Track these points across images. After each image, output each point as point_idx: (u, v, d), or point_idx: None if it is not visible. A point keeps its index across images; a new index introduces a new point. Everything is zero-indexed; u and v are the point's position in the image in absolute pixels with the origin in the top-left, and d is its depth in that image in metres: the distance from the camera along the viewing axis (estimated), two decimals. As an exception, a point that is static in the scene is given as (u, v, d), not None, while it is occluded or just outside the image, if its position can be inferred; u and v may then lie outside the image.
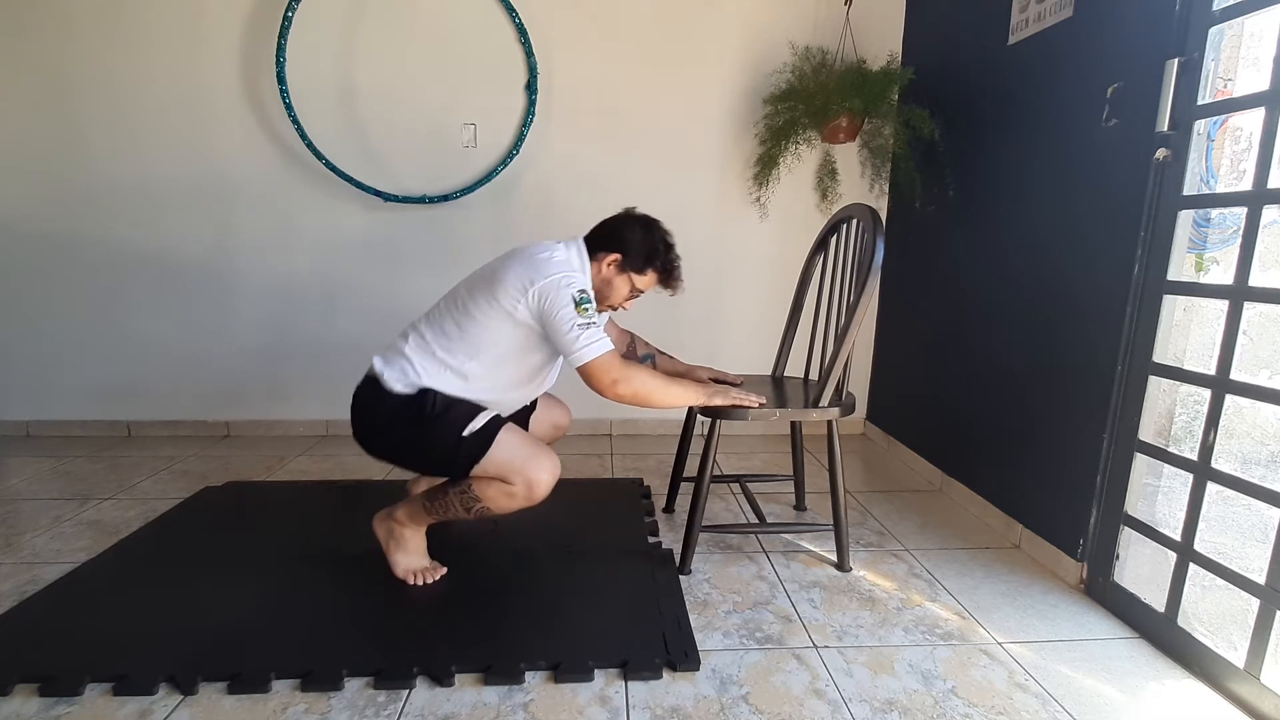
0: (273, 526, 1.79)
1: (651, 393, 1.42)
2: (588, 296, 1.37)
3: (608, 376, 1.36)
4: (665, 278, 1.54)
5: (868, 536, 1.78)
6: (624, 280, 1.50)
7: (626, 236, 1.49)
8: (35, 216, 2.40)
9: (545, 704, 1.13)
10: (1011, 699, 1.16)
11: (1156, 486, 1.65)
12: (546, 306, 1.33)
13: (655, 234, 1.51)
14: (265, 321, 2.53)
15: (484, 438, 1.35)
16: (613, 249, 1.48)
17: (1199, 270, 1.86)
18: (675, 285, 1.56)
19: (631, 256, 1.48)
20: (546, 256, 1.39)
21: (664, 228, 1.54)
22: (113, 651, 1.23)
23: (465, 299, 1.41)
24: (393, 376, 1.39)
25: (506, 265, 1.39)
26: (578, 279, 1.38)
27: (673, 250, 1.53)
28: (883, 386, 2.66)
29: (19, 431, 2.55)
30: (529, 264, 1.37)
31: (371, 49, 2.35)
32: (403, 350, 1.42)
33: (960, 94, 2.08)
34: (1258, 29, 1.53)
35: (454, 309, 1.42)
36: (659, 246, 1.51)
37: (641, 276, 1.51)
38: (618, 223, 1.52)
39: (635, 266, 1.49)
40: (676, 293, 1.57)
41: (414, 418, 1.37)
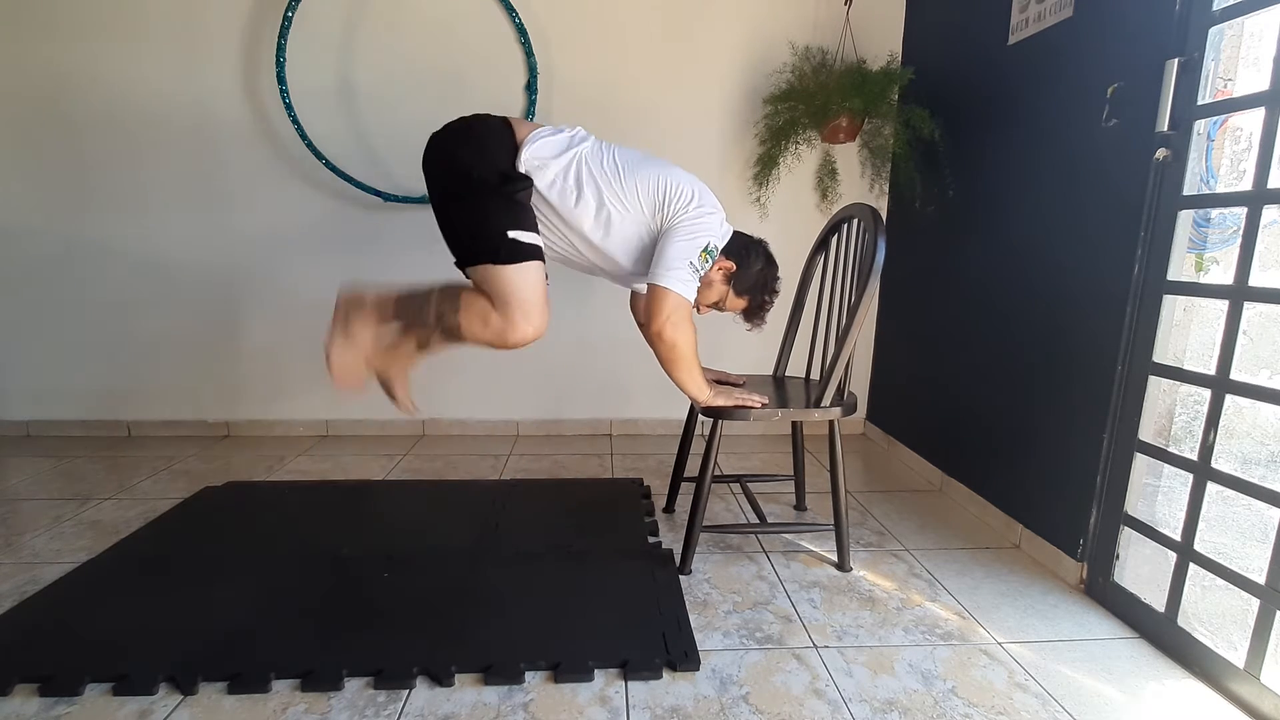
0: (273, 526, 1.79)
1: (684, 356, 1.43)
2: (715, 252, 1.41)
3: (665, 315, 1.37)
4: (752, 312, 1.61)
5: (868, 536, 1.78)
6: (722, 290, 1.55)
7: (751, 258, 1.54)
8: (35, 217, 2.40)
9: (545, 704, 1.13)
10: (1011, 699, 1.16)
11: (1156, 486, 1.65)
12: (681, 229, 1.36)
13: (772, 273, 1.58)
14: (265, 321, 2.52)
15: (518, 251, 1.33)
16: (733, 259, 1.52)
17: (1199, 270, 1.86)
18: (755, 323, 1.63)
19: (742, 276, 1.54)
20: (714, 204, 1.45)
21: (779, 274, 1.60)
22: (113, 651, 1.23)
23: (631, 165, 1.41)
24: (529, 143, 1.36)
25: (689, 178, 1.43)
26: (718, 238, 1.42)
27: (775, 296, 1.60)
28: (883, 386, 2.66)
29: (19, 431, 2.55)
30: (704, 194, 1.43)
31: (371, 49, 2.35)
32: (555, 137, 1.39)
33: (960, 94, 2.08)
34: (1258, 29, 1.53)
35: (615, 161, 1.42)
36: (770, 285, 1.58)
37: (736, 298, 1.57)
38: (752, 243, 1.57)
39: (739, 286, 1.55)
40: (752, 329, 1.64)
41: (496, 182, 1.33)
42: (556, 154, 1.39)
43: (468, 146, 1.38)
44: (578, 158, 1.40)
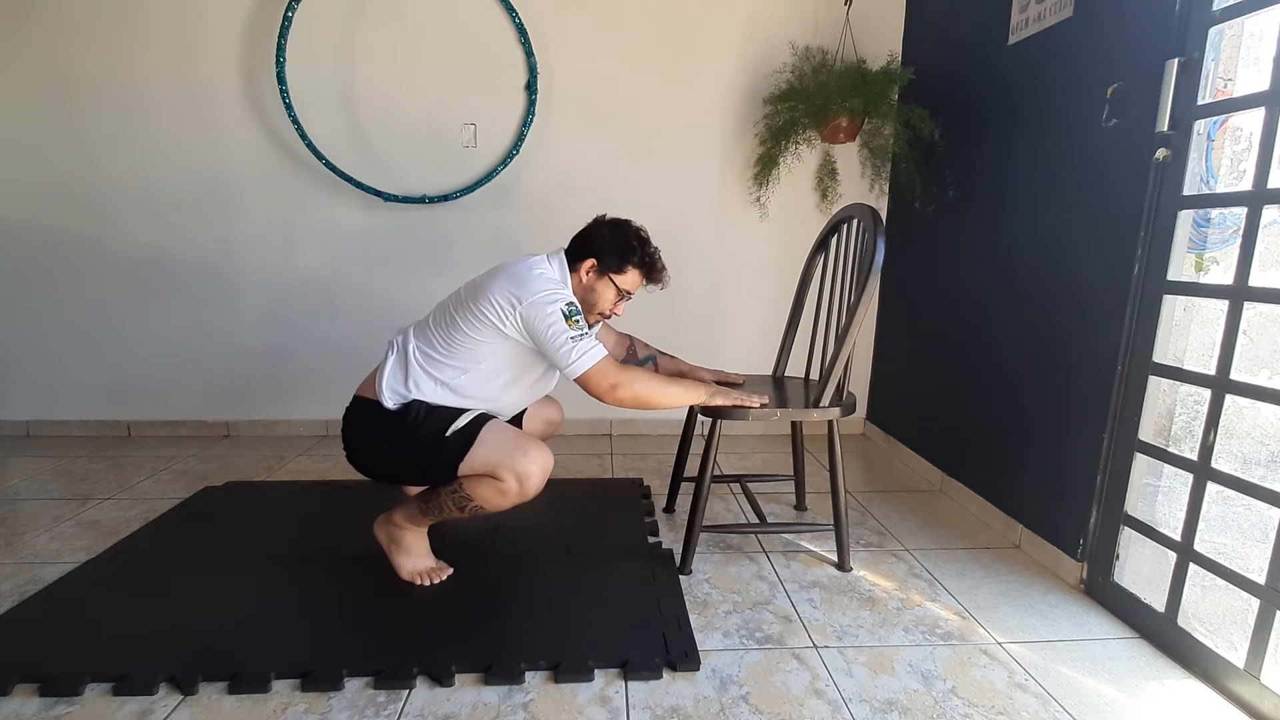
0: (273, 526, 1.79)
1: (652, 395, 1.42)
2: (576, 308, 1.37)
3: (605, 382, 1.36)
4: (647, 272, 1.52)
5: (868, 536, 1.78)
6: (606, 284, 1.49)
7: (597, 240, 1.49)
8: (35, 217, 2.40)
9: (545, 704, 1.13)
10: (1011, 699, 1.16)
11: (1156, 486, 1.65)
12: (536, 324, 1.34)
13: (626, 231, 1.50)
14: (265, 321, 2.53)
15: (467, 435, 1.35)
16: (587, 255, 1.48)
17: (1199, 270, 1.86)
18: (659, 277, 1.54)
19: (606, 258, 1.48)
20: (532, 273, 1.39)
21: (635, 225, 1.52)
22: (113, 651, 1.23)
23: (453, 315, 1.41)
24: (380, 390, 1.39)
25: (493, 282, 1.38)
26: (563, 293, 1.38)
27: (648, 244, 1.52)
28: (883, 386, 2.66)
29: (19, 431, 2.55)
30: (515, 281, 1.37)
31: (371, 49, 2.35)
32: (390, 365, 1.42)
33: (960, 94, 2.08)
34: (1258, 29, 1.53)
35: (442, 325, 1.42)
36: (632, 242, 1.49)
37: (622, 276, 1.50)
38: (587, 229, 1.52)
39: (613, 267, 1.49)
40: (664, 285, 1.56)
41: (398, 428, 1.38)
42: (400, 376, 1.41)
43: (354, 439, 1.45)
44: (413, 360, 1.41)
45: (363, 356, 2.56)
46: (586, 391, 1.39)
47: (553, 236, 2.51)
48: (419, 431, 1.37)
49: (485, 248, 2.49)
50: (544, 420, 1.74)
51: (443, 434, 1.35)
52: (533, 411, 1.70)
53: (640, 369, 1.50)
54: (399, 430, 1.38)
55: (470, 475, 1.36)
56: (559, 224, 2.48)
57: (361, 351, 2.55)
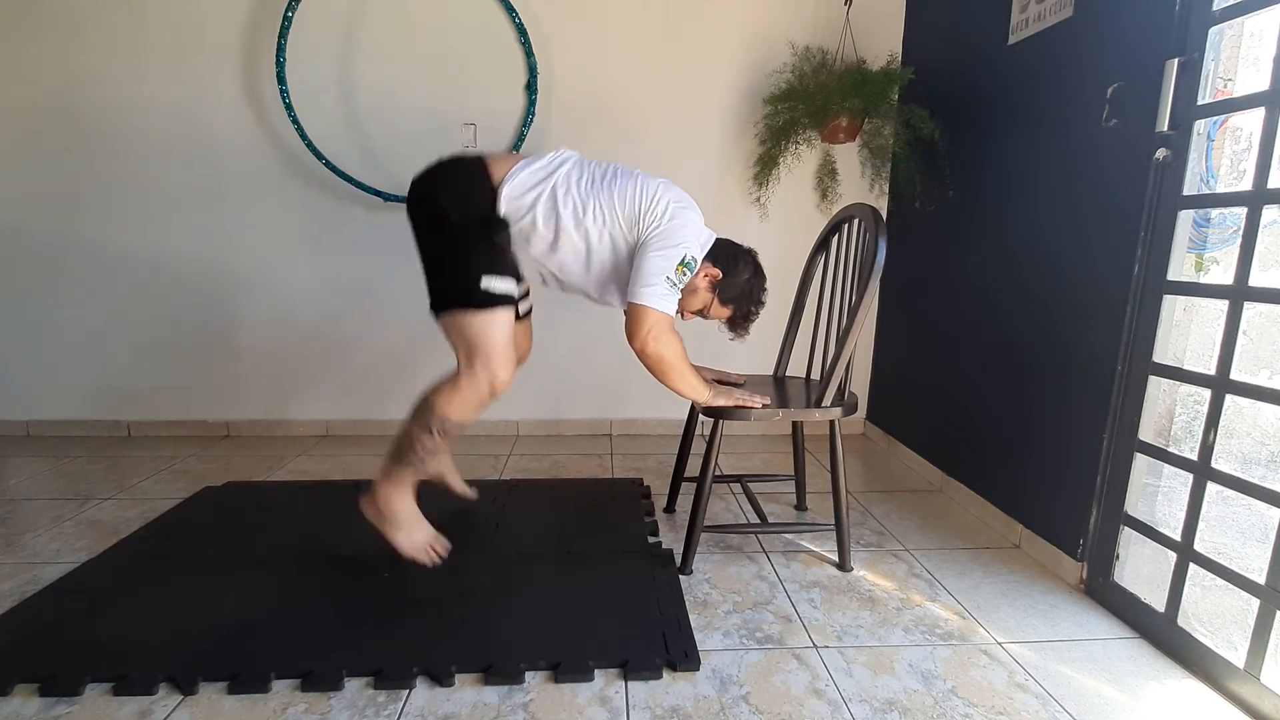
0: (273, 526, 1.79)
1: (673, 367, 1.43)
2: (693, 265, 1.39)
3: (647, 329, 1.37)
4: (737, 321, 1.59)
5: (868, 536, 1.78)
6: (708, 297, 1.53)
7: (739, 267, 1.52)
8: (35, 216, 2.40)
9: (545, 704, 1.13)
10: (1011, 699, 1.16)
11: (1156, 486, 1.66)
12: (658, 242, 1.35)
13: (759, 283, 1.56)
14: (265, 321, 2.52)
15: (488, 298, 1.36)
16: (719, 266, 1.51)
17: (1199, 270, 1.86)
18: (739, 333, 1.61)
19: (728, 285, 1.52)
20: (695, 216, 1.43)
21: (766, 285, 1.58)
22: (113, 651, 1.23)
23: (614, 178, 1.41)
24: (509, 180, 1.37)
25: (666, 188, 1.41)
26: (696, 248, 1.41)
27: (760, 306, 1.58)
28: (883, 386, 2.66)
29: (19, 431, 2.55)
30: (680, 203, 1.40)
31: (371, 49, 2.35)
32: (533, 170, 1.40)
33: (960, 94, 2.08)
34: (1258, 29, 1.53)
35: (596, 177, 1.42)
36: (755, 295, 1.56)
37: (721, 306, 1.55)
38: (739, 251, 1.55)
39: (724, 295, 1.53)
40: (735, 339, 1.62)
41: (476, 227, 1.36)
42: (534, 185, 1.40)
43: (446, 190, 1.40)
44: (554, 182, 1.40)
45: (363, 356, 2.57)
46: (628, 326, 1.39)
47: (553, 236, 2.53)
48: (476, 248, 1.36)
49: (485, 248, 2.49)
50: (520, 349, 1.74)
51: (479, 276, 1.35)
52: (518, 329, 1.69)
53: (682, 347, 1.49)
54: (476, 230, 1.36)
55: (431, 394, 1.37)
56: (559, 224, 2.50)
57: (361, 351, 2.56)
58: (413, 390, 1.61)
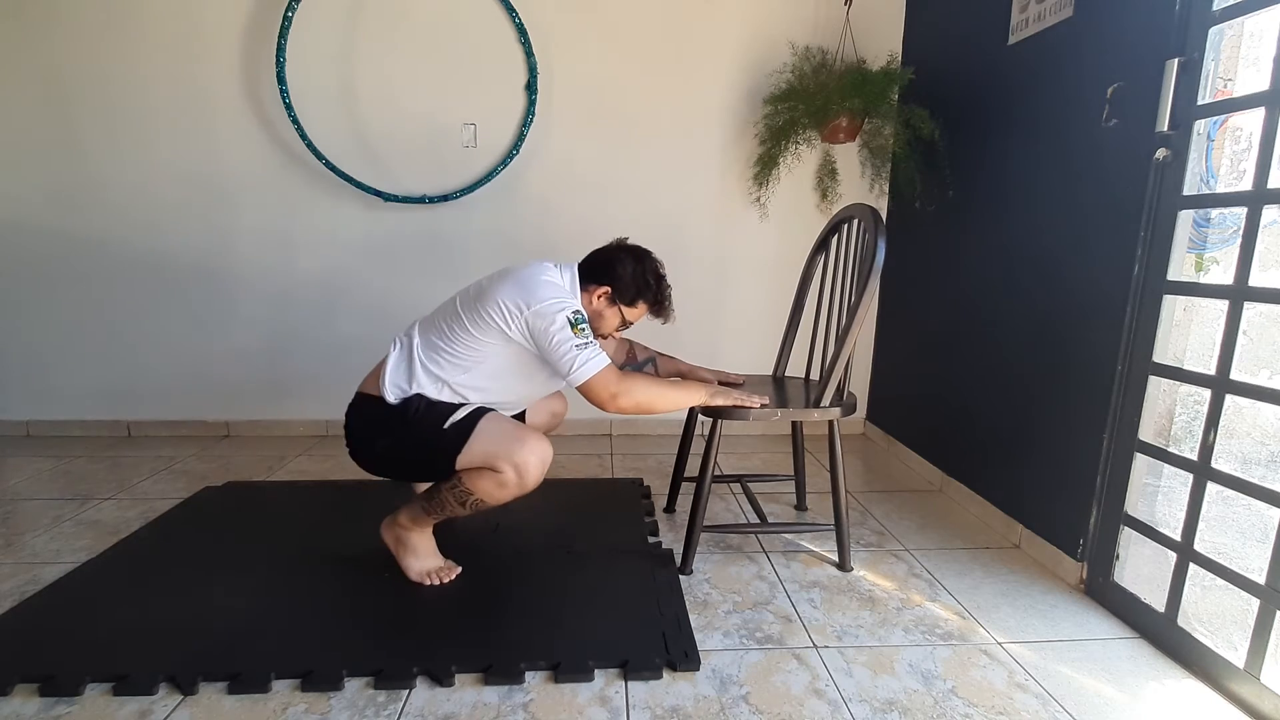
0: (273, 526, 1.79)
1: (653, 400, 1.42)
2: (582, 316, 1.37)
3: (606, 392, 1.36)
4: (656, 309, 1.56)
5: (868, 536, 1.78)
6: (614, 312, 1.51)
7: (618, 270, 1.49)
8: (35, 217, 2.40)
9: (545, 704, 1.13)
10: (1011, 699, 1.16)
11: (1156, 486, 1.65)
12: (541, 330, 1.34)
13: (646, 266, 1.51)
14: (265, 321, 2.53)
15: (465, 427, 1.35)
16: (603, 281, 1.48)
17: (1199, 270, 1.86)
18: (666, 316, 1.57)
19: (622, 290, 1.49)
20: (540, 279, 1.39)
21: (655, 259, 1.54)
22: (113, 651, 1.23)
23: (459, 314, 1.40)
24: (383, 385, 1.40)
25: (500, 286, 1.38)
26: (569, 301, 1.38)
27: (664, 282, 1.54)
28: (883, 386, 2.66)
29: (19, 431, 2.55)
30: (523, 286, 1.37)
31: (371, 49, 2.35)
32: (393, 360, 1.43)
33: (960, 94, 2.08)
34: (1258, 29, 1.53)
35: (446, 324, 1.42)
36: (650, 280, 1.51)
37: (632, 309, 1.52)
38: (609, 255, 1.51)
39: (626, 299, 1.50)
40: (668, 322, 1.58)
41: (400, 422, 1.38)
42: (404, 372, 1.41)
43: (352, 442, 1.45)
44: (417, 357, 1.41)
45: (363, 356, 2.55)
46: (588, 400, 1.39)
47: (553, 236, 2.53)
48: (419, 425, 1.37)
49: (485, 248, 2.50)
50: (548, 412, 1.74)
51: (441, 426, 1.36)
52: (538, 404, 1.70)
53: (641, 376, 1.50)
54: (400, 424, 1.38)
55: (470, 469, 1.36)
56: (559, 224, 2.51)
57: (361, 351, 2.55)
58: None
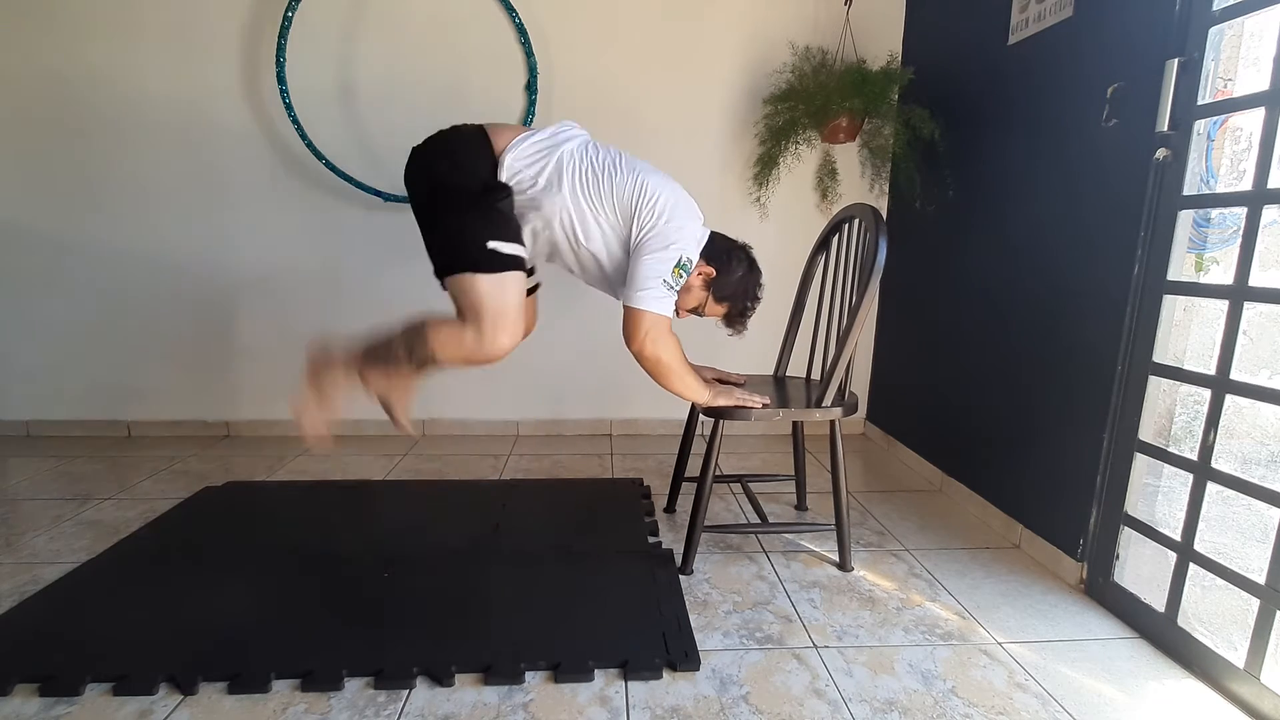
0: (273, 526, 1.79)
1: (671, 369, 1.42)
2: (689, 265, 1.38)
3: (644, 332, 1.36)
4: (733, 318, 1.58)
5: (868, 536, 1.78)
6: (703, 296, 1.52)
7: (732, 264, 1.51)
8: (35, 216, 2.40)
9: (545, 704, 1.13)
10: (1011, 699, 1.16)
11: (1156, 486, 1.65)
12: (653, 242, 1.33)
13: (754, 279, 1.54)
14: (265, 321, 2.52)
15: (496, 261, 1.33)
16: (713, 264, 1.49)
17: (1199, 270, 1.86)
18: (737, 330, 1.59)
19: (721, 282, 1.51)
20: (693, 213, 1.41)
21: (762, 280, 1.57)
22: (113, 651, 1.23)
23: (615, 168, 1.39)
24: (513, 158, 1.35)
25: (666, 186, 1.39)
26: (693, 250, 1.39)
27: (757, 302, 1.57)
28: (883, 386, 2.66)
29: (19, 431, 2.55)
30: (678, 205, 1.38)
31: (371, 49, 2.35)
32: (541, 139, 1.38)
33: (960, 94, 2.08)
34: (1258, 29, 1.53)
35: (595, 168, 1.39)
36: (750, 290, 1.54)
37: (717, 304, 1.54)
38: (734, 248, 1.53)
39: (719, 293, 1.52)
40: (734, 335, 1.60)
41: (478, 192, 1.33)
42: (537, 157, 1.38)
43: (446, 158, 1.38)
44: (555, 159, 1.38)
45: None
46: (625, 328, 1.38)
47: (553, 236, 2.53)
48: (481, 214, 1.32)
49: (485, 248, 2.49)
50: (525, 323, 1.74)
51: (488, 239, 1.32)
52: None
53: (678, 346, 1.47)
54: (477, 195, 1.32)
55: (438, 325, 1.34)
56: (559, 224, 2.50)
57: (361, 351, 2.56)
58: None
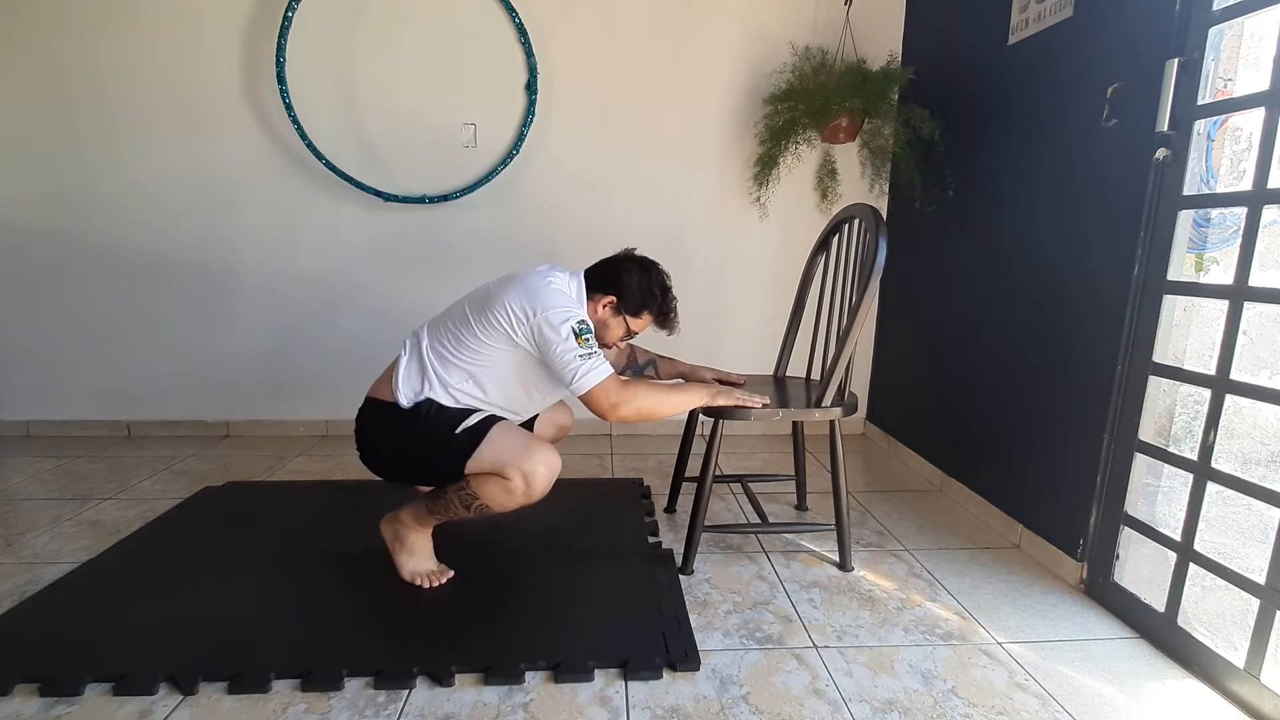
0: (273, 526, 1.79)
1: (655, 408, 1.42)
2: (587, 326, 1.37)
3: (607, 401, 1.36)
4: (661, 320, 1.56)
5: (868, 536, 1.78)
6: (619, 322, 1.51)
7: (624, 279, 1.49)
8: (35, 217, 2.40)
9: (545, 704, 1.13)
10: (1011, 699, 1.16)
11: (1156, 486, 1.65)
12: (546, 338, 1.34)
13: (653, 278, 1.52)
14: (265, 321, 2.53)
15: (476, 434, 1.36)
16: (609, 291, 1.48)
17: (1199, 270, 1.86)
18: (671, 327, 1.57)
19: (627, 300, 1.49)
20: (547, 285, 1.39)
21: (662, 271, 1.54)
22: (113, 651, 1.23)
23: (466, 317, 1.41)
24: (395, 388, 1.40)
25: (509, 290, 1.38)
26: (576, 310, 1.38)
27: (669, 294, 1.54)
28: (883, 386, 2.65)
29: (19, 431, 2.55)
30: (530, 293, 1.37)
31: (371, 49, 2.35)
32: (404, 364, 1.43)
33: (960, 94, 2.08)
34: (1258, 29, 1.53)
35: (454, 326, 1.42)
36: (656, 291, 1.51)
37: (637, 319, 1.52)
38: (616, 265, 1.51)
39: (631, 309, 1.50)
40: (673, 333, 1.58)
41: (409, 425, 1.38)
42: (415, 375, 1.42)
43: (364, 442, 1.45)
44: (426, 360, 1.41)
45: (363, 356, 2.56)
46: (591, 410, 1.39)
47: (552, 236, 2.53)
48: (429, 428, 1.37)
49: (485, 248, 2.50)
50: (554, 425, 1.75)
51: (452, 431, 1.36)
52: (544, 416, 1.71)
53: (642, 383, 1.49)
54: (410, 427, 1.38)
55: (478, 474, 1.36)
56: (559, 224, 2.51)
57: (361, 351, 2.55)
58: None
